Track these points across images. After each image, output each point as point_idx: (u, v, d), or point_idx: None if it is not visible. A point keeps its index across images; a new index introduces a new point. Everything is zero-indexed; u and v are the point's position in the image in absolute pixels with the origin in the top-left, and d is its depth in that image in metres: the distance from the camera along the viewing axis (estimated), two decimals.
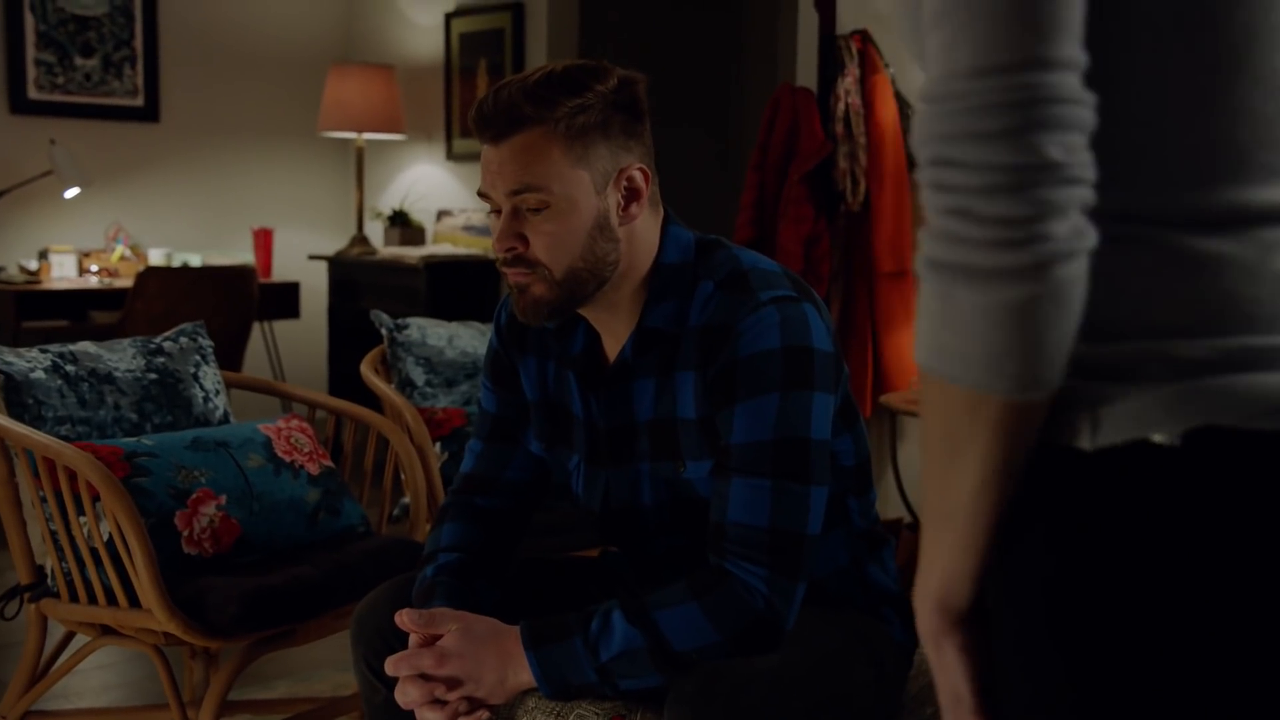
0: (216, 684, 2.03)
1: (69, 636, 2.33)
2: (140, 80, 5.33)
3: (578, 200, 1.56)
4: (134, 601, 2.04)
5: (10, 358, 2.20)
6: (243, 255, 5.46)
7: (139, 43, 5.30)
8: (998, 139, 0.71)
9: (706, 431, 1.60)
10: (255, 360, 5.34)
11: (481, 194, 1.61)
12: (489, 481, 1.81)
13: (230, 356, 4.76)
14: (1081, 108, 0.72)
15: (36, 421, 2.17)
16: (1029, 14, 0.71)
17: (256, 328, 5.29)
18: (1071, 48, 0.72)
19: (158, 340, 2.44)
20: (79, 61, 5.17)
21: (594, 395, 1.70)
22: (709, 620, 1.50)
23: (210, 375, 2.47)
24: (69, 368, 2.26)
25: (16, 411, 2.17)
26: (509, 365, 1.80)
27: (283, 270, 5.60)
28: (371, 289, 5.20)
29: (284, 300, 5.27)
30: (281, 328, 5.51)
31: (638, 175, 1.61)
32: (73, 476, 2.03)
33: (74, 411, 2.23)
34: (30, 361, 2.22)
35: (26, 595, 2.20)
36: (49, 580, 2.19)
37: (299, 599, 2.09)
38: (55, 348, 2.29)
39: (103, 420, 2.26)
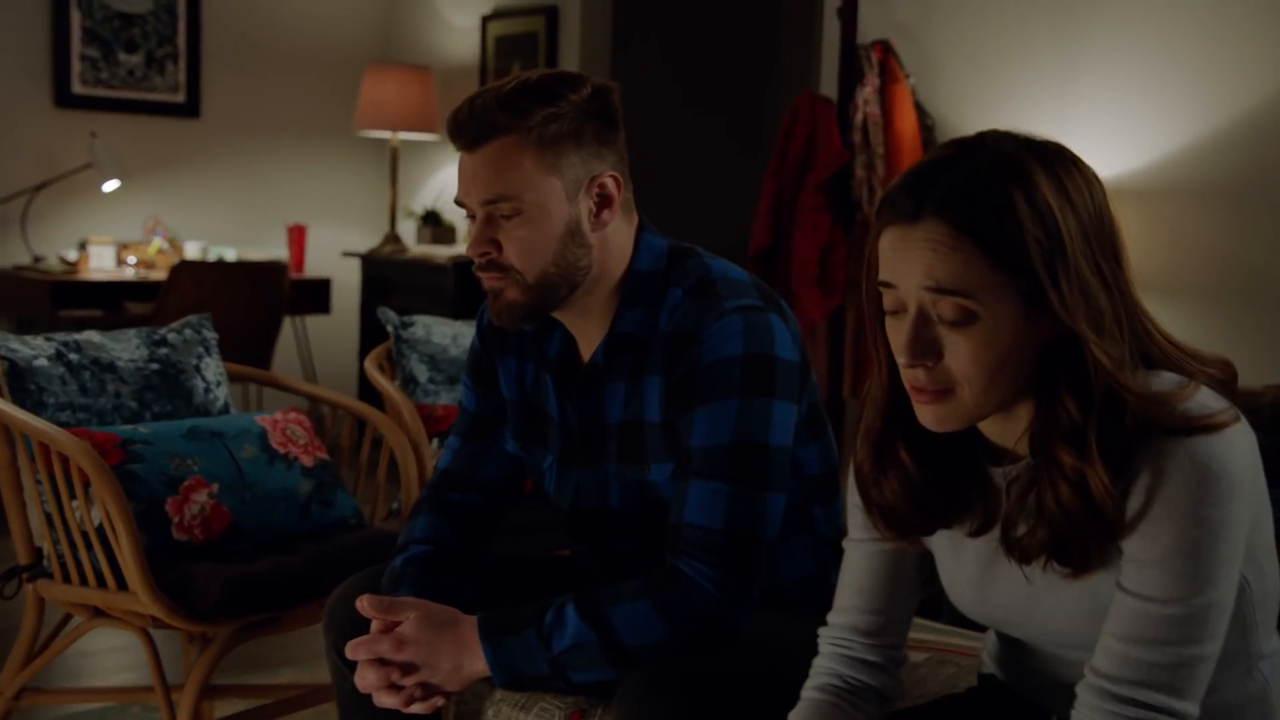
0: (199, 668, 2.08)
1: (68, 617, 2.39)
2: (182, 77, 5.43)
3: (550, 207, 1.60)
4: (122, 584, 2.10)
5: (15, 345, 2.27)
6: (278, 250, 5.56)
7: (182, 40, 5.41)
8: None
9: (670, 435, 1.63)
10: (286, 355, 5.42)
11: (458, 201, 1.65)
12: (465, 478, 1.84)
13: (260, 351, 4.84)
14: None
15: (38, 407, 2.24)
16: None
17: (288, 323, 5.38)
18: None
19: (162, 331, 2.50)
20: (123, 57, 5.28)
21: (568, 397, 1.73)
22: (660, 618, 1.52)
23: (212, 367, 2.52)
24: (72, 356, 2.32)
25: (19, 397, 2.24)
26: (489, 365, 1.83)
27: (317, 266, 5.68)
28: (402, 287, 5.27)
29: (315, 296, 5.35)
30: (314, 324, 5.59)
31: (610, 183, 1.64)
32: (66, 461, 2.09)
33: (75, 398, 2.29)
34: (35, 349, 2.29)
35: (25, 575, 2.27)
36: (45, 562, 2.26)
37: (282, 587, 2.14)
38: (60, 336, 2.36)
39: (103, 408, 2.32)
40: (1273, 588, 1.26)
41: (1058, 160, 1.17)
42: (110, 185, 5.09)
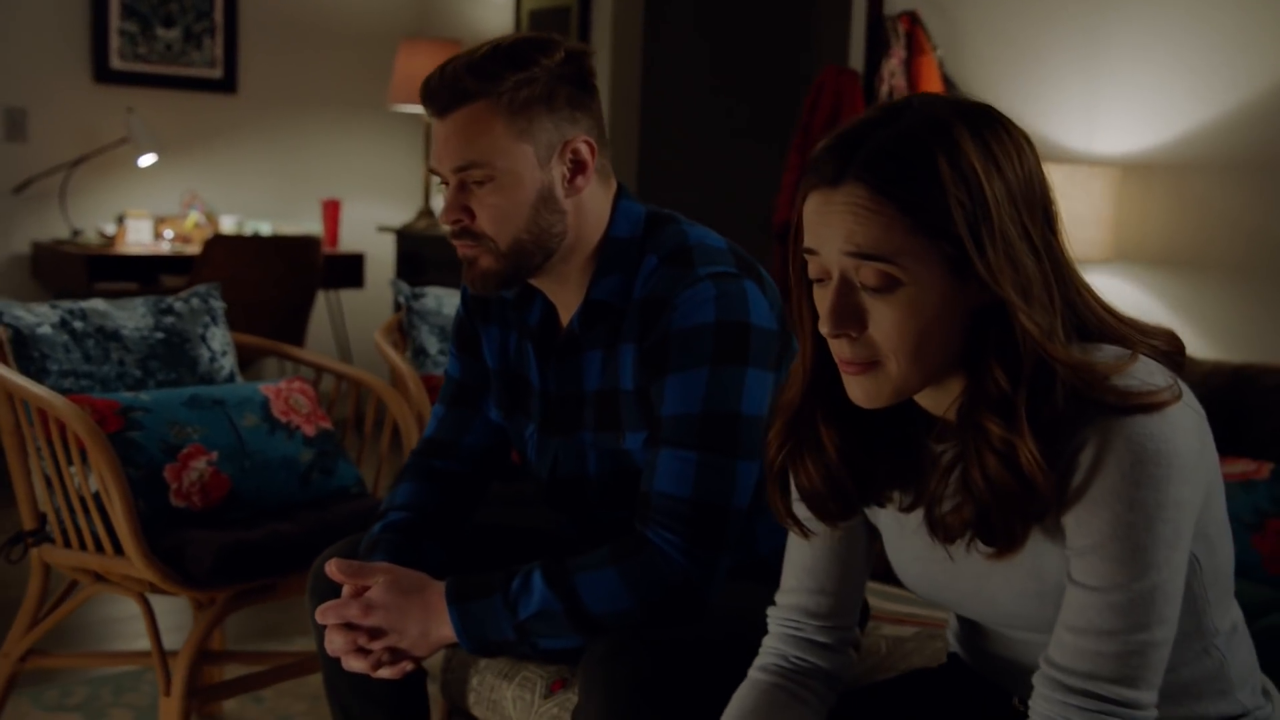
0: (194, 633, 2.10)
1: (75, 583, 2.43)
2: (219, 52, 5.47)
3: (521, 173, 1.59)
4: (119, 550, 2.12)
5: (20, 312, 2.30)
6: (313, 225, 5.59)
7: (219, 15, 5.44)
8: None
9: (644, 403, 1.62)
10: (320, 330, 5.46)
11: (431, 169, 1.65)
12: (448, 445, 1.84)
13: (294, 325, 4.88)
14: None
15: (40, 374, 2.27)
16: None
17: (323, 297, 5.42)
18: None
19: (169, 300, 2.52)
20: (160, 32, 5.32)
21: (548, 365, 1.73)
22: (625, 586, 1.52)
23: (219, 336, 2.54)
24: (76, 324, 2.35)
25: (23, 364, 2.27)
26: (473, 333, 1.83)
27: (352, 241, 5.72)
28: (434, 262, 5.28)
29: (349, 271, 5.38)
30: (348, 298, 5.63)
31: (583, 148, 1.62)
32: (64, 427, 2.11)
33: (78, 366, 2.32)
34: (39, 316, 2.32)
35: (29, 540, 2.30)
36: (47, 527, 2.29)
37: (276, 554, 2.15)
38: (66, 304, 2.39)
39: (106, 375, 2.35)
40: (1225, 564, 1.23)
41: (986, 123, 1.13)
42: (147, 160, 5.14)
